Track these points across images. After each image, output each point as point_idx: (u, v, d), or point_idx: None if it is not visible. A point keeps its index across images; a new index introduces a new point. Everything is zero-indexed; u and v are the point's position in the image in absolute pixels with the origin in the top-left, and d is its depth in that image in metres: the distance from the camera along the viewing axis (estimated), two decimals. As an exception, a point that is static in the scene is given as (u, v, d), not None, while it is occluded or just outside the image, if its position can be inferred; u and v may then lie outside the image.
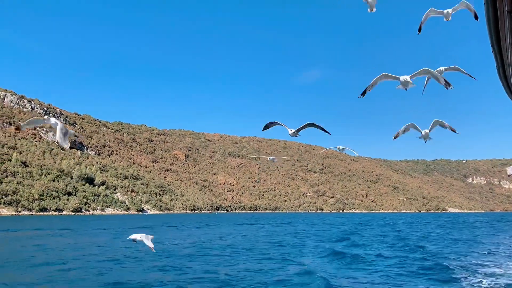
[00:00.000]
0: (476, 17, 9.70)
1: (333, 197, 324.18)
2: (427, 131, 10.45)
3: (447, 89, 9.72)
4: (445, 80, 9.50)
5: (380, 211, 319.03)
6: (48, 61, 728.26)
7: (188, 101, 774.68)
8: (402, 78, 9.57)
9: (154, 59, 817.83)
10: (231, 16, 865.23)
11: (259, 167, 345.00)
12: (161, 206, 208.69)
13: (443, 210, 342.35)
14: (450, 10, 10.00)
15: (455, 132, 10.87)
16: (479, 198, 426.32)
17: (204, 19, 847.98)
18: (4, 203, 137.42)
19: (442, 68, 9.97)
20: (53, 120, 8.47)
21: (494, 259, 28.13)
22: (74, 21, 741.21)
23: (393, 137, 10.82)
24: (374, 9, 9.97)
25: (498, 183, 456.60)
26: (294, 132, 11.07)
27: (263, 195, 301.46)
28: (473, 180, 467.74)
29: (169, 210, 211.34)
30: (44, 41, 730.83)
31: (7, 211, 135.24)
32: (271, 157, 15.45)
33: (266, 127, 11.57)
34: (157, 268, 24.11)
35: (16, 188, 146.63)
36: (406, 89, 9.89)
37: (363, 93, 9.76)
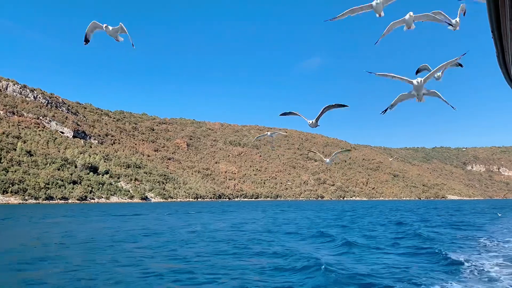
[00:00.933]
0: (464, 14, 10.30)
1: (334, 185, 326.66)
2: (410, 16, 9.87)
3: (462, 67, 10.13)
4: (458, 63, 9.99)
5: (380, 198, 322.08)
6: (50, 51, 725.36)
7: (189, 90, 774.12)
8: (415, 81, 9.70)
9: (154, 48, 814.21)
10: (230, 5, 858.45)
11: (260, 156, 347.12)
12: (164, 194, 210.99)
13: (443, 197, 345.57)
14: (458, 19, 10.19)
15: (450, 24, 9.88)
16: (478, 185, 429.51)
17: (204, 9, 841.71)
18: (11, 191, 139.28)
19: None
20: (110, 27, 10.31)
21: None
22: (75, 10, 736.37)
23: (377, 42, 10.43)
24: (382, 14, 9.90)
25: (497, 170, 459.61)
26: (313, 122, 11.59)
27: (264, 183, 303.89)
28: (472, 167, 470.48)
29: (172, 198, 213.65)
30: (45, 31, 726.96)
31: (14, 200, 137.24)
32: (269, 133, 16.41)
33: (284, 114, 12.34)
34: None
35: (22, 177, 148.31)
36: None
37: (370, 72, 10.06)
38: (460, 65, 10.15)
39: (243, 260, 22.10)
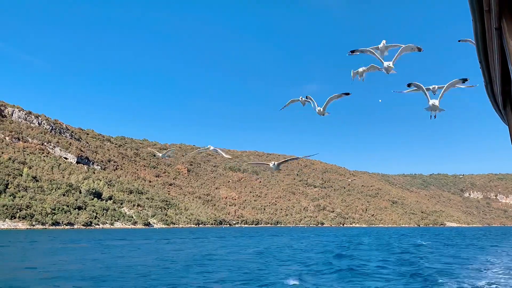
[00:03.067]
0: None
1: (333, 211, 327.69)
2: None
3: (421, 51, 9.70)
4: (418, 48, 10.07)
5: (380, 225, 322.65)
6: (53, 77, 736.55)
7: (188, 115, 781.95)
8: (385, 64, 10.49)
9: (153, 74, 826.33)
10: (234, 36, 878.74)
11: (260, 181, 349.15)
12: (166, 220, 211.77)
13: (442, 225, 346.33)
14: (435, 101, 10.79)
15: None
16: (476, 212, 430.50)
17: (207, 36, 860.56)
18: (19, 217, 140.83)
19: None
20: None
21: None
22: (78, 39, 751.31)
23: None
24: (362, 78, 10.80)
25: (494, 197, 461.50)
26: (321, 110, 13.19)
27: (264, 209, 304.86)
28: (470, 194, 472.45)
29: (174, 224, 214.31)
30: (49, 57, 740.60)
31: (22, 225, 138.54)
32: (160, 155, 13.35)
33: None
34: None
35: (29, 202, 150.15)
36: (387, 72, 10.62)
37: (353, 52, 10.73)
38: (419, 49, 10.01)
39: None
